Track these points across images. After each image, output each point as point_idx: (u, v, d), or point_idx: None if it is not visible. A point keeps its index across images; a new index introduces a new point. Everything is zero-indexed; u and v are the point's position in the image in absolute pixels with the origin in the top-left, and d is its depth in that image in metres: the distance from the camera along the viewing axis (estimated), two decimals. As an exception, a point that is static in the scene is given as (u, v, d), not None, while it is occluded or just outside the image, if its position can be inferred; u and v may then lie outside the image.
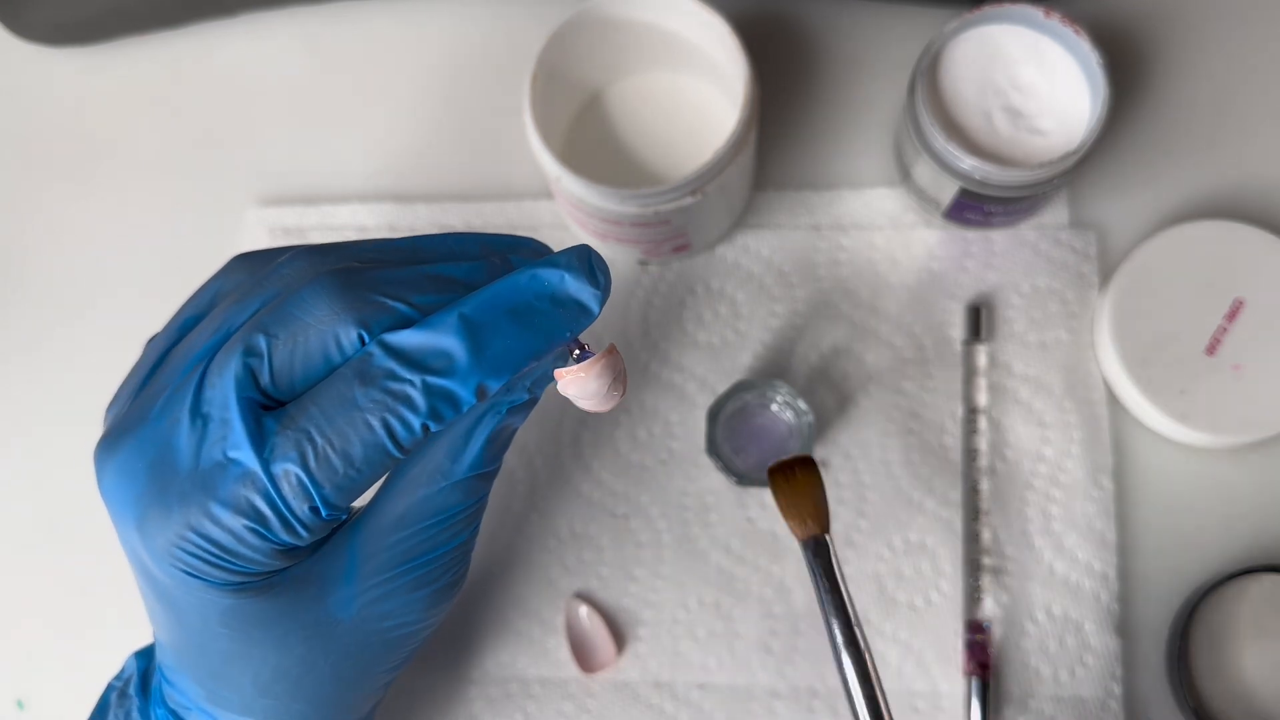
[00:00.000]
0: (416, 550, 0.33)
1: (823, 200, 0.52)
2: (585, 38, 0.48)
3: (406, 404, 0.29)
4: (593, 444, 0.51)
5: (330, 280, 0.29)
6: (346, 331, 0.29)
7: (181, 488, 0.29)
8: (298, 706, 0.34)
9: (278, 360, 0.29)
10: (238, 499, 0.29)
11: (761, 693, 0.48)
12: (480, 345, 0.29)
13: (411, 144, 0.55)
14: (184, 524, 0.29)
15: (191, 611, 0.32)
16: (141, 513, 0.30)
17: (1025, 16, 0.46)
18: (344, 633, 0.33)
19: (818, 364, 0.51)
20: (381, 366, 0.29)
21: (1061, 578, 0.48)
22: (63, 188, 0.57)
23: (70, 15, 0.56)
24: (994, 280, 0.51)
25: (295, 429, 0.29)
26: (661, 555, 0.50)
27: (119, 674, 0.40)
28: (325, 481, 0.29)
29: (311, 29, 0.57)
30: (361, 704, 0.37)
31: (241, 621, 0.32)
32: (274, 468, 0.29)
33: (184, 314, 0.34)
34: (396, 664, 0.36)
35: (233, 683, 0.33)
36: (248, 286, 0.32)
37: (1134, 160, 0.52)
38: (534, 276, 0.30)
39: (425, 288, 0.30)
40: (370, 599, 0.33)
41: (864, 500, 0.49)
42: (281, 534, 0.29)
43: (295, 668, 0.33)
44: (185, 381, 0.30)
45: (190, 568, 0.30)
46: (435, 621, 0.36)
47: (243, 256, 0.34)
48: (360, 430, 0.29)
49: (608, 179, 0.45)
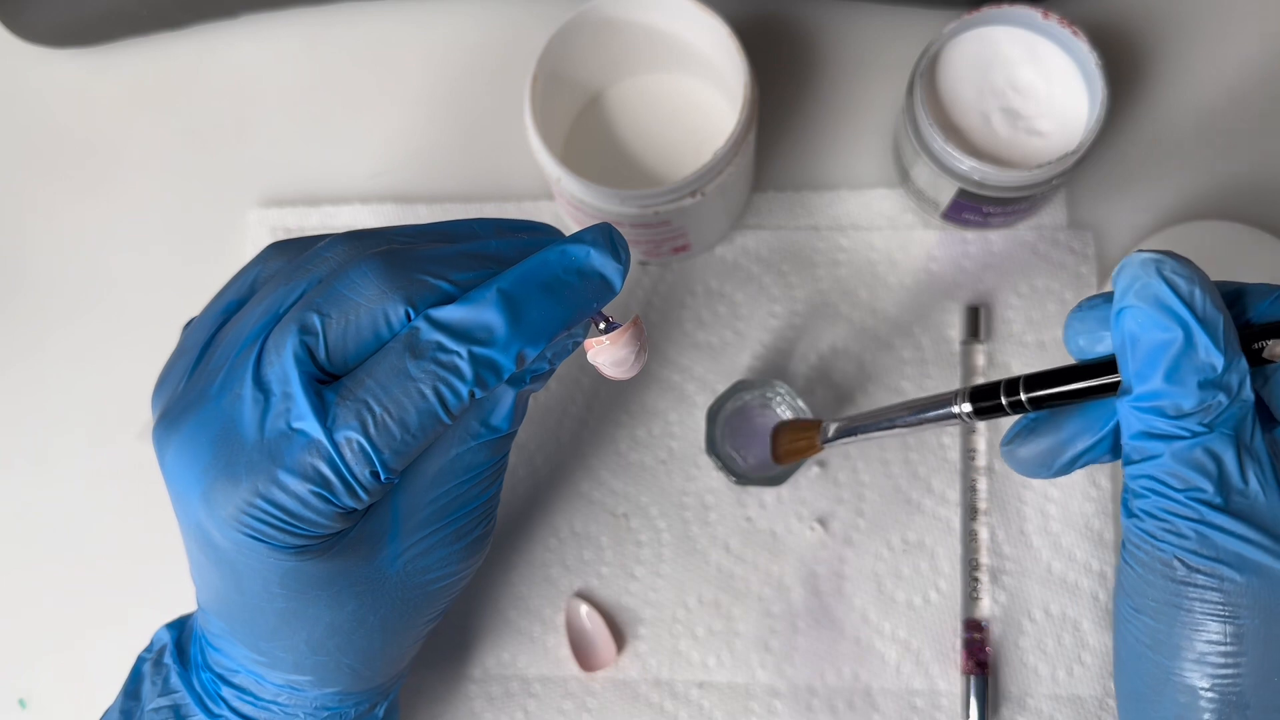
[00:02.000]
0: (452, 505, 0.35)
1: (822, 201, 0.52)
2: (585, 39, 0.48)
3: (455, 373, 0.31)
4: (593, 443, 0.51)
5: (376, 261, 0.32)
6: (395, 309, 0.32)
7: (249, 457, 0.31)
8: (347, 661, 0.37)
9: (332, 337, 0.32)
10: (304, 466, 0.31)
11: (761, 691, 0.48)
12: (518, 317, 0.32)
13: (412, 145, 0.56)
14: (253, 491, 0.31)
15: (252, 575, 0.34)
16: (209, 484, 0.32)
17: (1024, 18, 0.47)
18: (391, 587, 0.36)
19: (817, 364, 0.51)
20: (430, 340, 0.31)
21: (1059, 576, 0.48)
22: (63, 188, 0.57)
23: (71, 16, 0.56)
24: (992, 281, 0.51)
25: (355, 399, 0.31)
26: (661, 554, 0.50)
27: (149, 646, 0.42)
28: (385, 447, 0.31)
29: (312, 30, 0.57)
30: (403, 656, 0.40)
31: (300, 583, 0.34)
32: (337, 435, 0.31)
33: (224, 299, 0.36)
34: (435, 615, 0.39)
35: (286, 642, 0.36)
36: (289, 271, 0.34)
37: (1132, 161, 0.52)
38: (563, 253, 0.33)
39: (463, 265, 0.33)
40: (414, 554, 0.36)
41: (862, 499, 0.49)
42: (345, 498, 0.32)
43: (347, 623, 0.36)
44: (242, 360, 0.32)
45: (257, 532, 0.32)
46: (470, 571, 0.38)
47: (277, 245, 0.36)
48: (415, 399, 0.31)
49: (608, 180, 0.45)
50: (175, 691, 0.40)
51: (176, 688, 0.40)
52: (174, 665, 0.40)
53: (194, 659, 0.40)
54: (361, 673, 0.38)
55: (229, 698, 0.39)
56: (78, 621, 0.52)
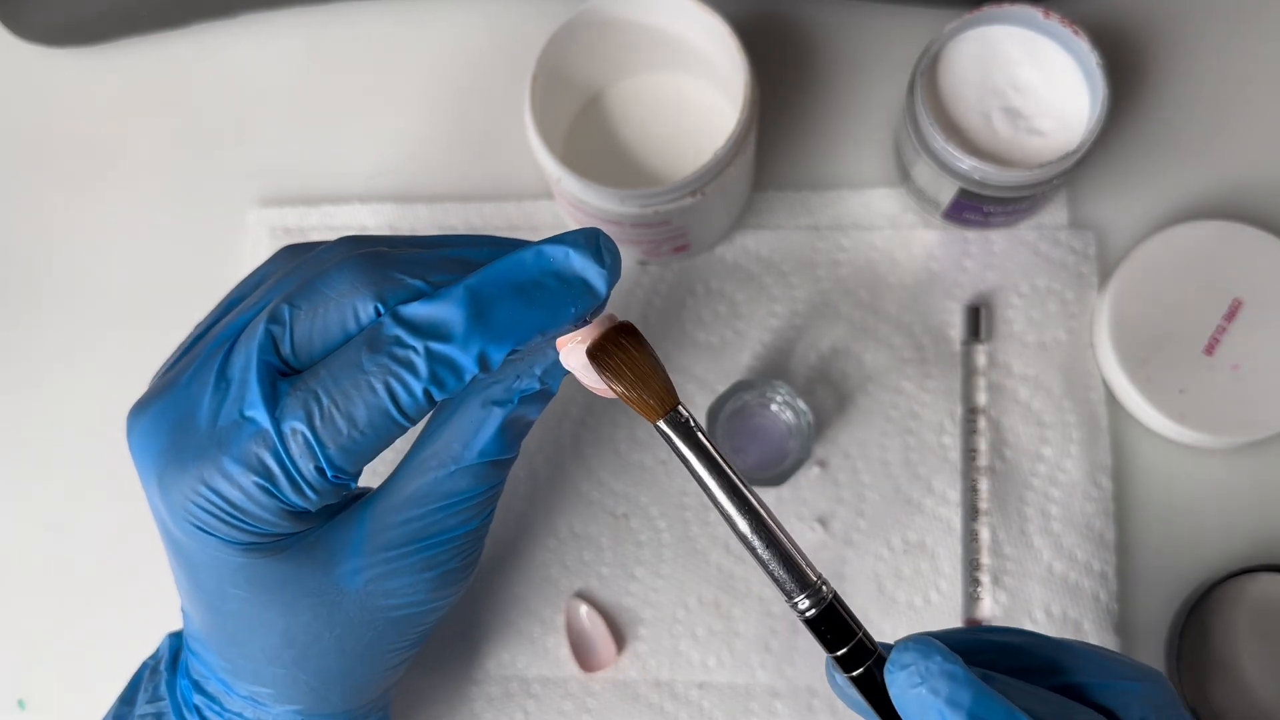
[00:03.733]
0: (425, 531, 0.34)
1: (822, 200, 0.52)
2: (585, 38, 0.48)
3: (408, 368, 0.30)
4: (593, 444, 0.51)
5: (357, 260, 0.31)
6: (365, 305, 0.30)
7: (199, 444, 0.31)
8: (304, 677, 0.35)
9: (299, 329, 0.31)
10: (249, 456, 0.30)
11: (761, 692, 0.48)
12: (481, 314, 0.30)
13: (412, 144, 0.55)
14: (198, 479, 0.30)
15: (206, 570, 0.33)
16: (162, 469, 0.31)
17: (1024, 17, 0.46)
18: (350, 605, 0.34)
19: (817, 364, 0.51)
20: (390, 334, 0.30)
21: (1060, 577, 0.48)
22: (63, 188, 0.57)
23: (71, 16, 0.56)
24: (993, 280, 0.51)
25: (305, 390, 0.30)
26: (661, 555, 0.50)
27: (154, 653, 0.42)
28: (329, 441, 0.30)
29: (312, 29, 0.57)
30: (367, 685, 0.38)
31: (252, 582, 0.33)
32: (284, 426, 0.30)
33: (229, 297, 0.36)
34: (403, 647, 0.37)
35: (245, 648, 0.35)
36: (287, 270, 0.33)
37: (1133, 160, 0.52)
38: (539, 253, 0.31)
39: (445, 268, 0.31)
40: (377, 574, 0.34)
41: (863, 500, 0.49)
42: (289, 493, 0.30)
43: (302, 635, 0.34)
44: (216, 350, 0.32)
45: (203, 523, 0.31)
46: (442, 606, 0.36)
47: (290, 246, 0.36)
48: (364, 392, 0.30)
49: (608, 179, 0.45)
50: (161, 699, 0.39)
51: (162, 695, 0.39)
52: (166, 673, 0.39)
53: (181, 666, 0.39)
54: (321, 693, 0.36)
55: (200, 706, 0.38)
56: (77, 622, 0.52)
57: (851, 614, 0.32)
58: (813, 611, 0.32)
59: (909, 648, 0.29)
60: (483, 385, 0.34)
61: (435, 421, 0.35)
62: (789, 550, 0.32)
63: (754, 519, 0.32)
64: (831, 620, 0.32)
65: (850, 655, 0.31)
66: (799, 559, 0.32)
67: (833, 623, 0.32)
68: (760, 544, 0.32)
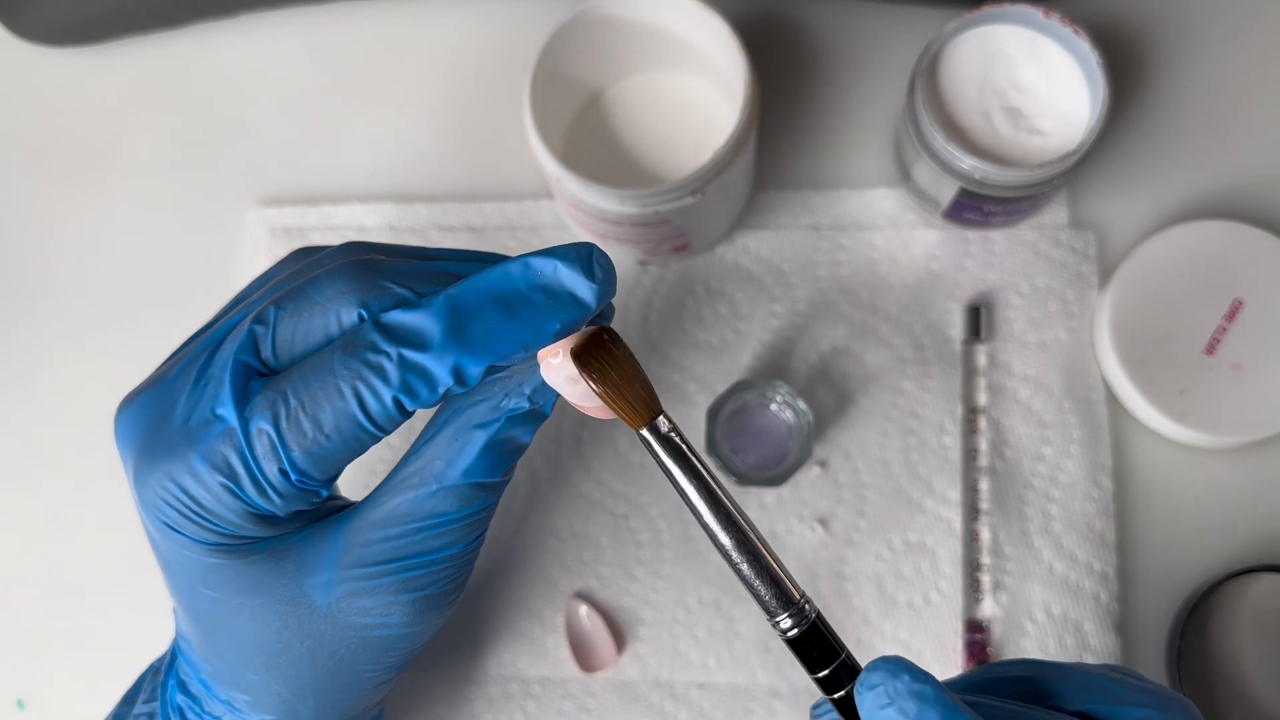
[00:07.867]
0: (402, 550, 0.33)
1: (823, 200, 0.52)
2: (585, 38, 0.48)
3: (379, 374, 0.29)
4: (593, 444, 0.51)
5: (347, 267, 0.31)
6: (349, 310, 0.30)
7: (170, 440, 0.30)
8: (277, 688, 0.35)
9: (281, 331, 0.30)
10: (215, 454, 0.30)
11: (761, 692, 0.48)
12: (459, 325, 0.29)
13: (412, 144, 0.55)
14: (166, 475, 0.30)
15: (179, 568, 0.32)
16: (137, 461, 0.31)
17: (1025, 17, 0.46)
18: (321, 619, 0.33)
19: (817, 364, 0.51)
20: (367, 340, 0.29)
21: (1061, 577, 0.48)
22: (62, 188, 0.57)
23: (70, 15, 0.56)
24: (993, 280, 0.51)
25: (274, 390, 0.30)
26: (661, 555, 0.50)
27: (162, 655, 0.41)
28: (294, 444, 0.29)
29: (312, 29, 0.57)
30: (341, 705, 0.37)
31: (221, 584, 0.32)
32: (251, 426, 0.29)
33: (237, 296, 0.35)
34: (378, 671, 0.36)
35: (218, 649, 0.34)
36: (290, 272, 0.33)
37: (1133, 160, 0.52)
38: (526, 265, 0.30)
39: (436, 279, 0.30)
40: (349, 590, 0.33)
41: (863, 500, 0.49)
42: (253, 494, 0.30)
43: (273, 643, 0.33)
44: (205, 349, 0.32)
45: (171, 520, 0.31)
46: (422, 631, 0.35)
47: (303, 249, 0.35)
48: (331, 396, 0.29)
49: (608, 179, 0.45)
50: (154, 700, 0.39)
51: (157, 696, 0.39)
52: (164, 674, 0.39)
53: (174, 665, 0.39)
54: (294, 706, 0.35)
55: (183, 706, 0.37)
56: (77, 622, 0.52)
57: (835, 634, 0.31)
58: (795, 631, 0.31)
59: (877, 667, 0.29)
60: (470, 403, 0.33)
61: (422, 438, 0.34)
62: (772, 566, 0.31)
63: (737, 533, 0.31)
64: (815, 640, 0.31)
65: (832, 677, 0.31)
66: (783, 576, 0.31)
67: (816, 643, 0.31)
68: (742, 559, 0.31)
